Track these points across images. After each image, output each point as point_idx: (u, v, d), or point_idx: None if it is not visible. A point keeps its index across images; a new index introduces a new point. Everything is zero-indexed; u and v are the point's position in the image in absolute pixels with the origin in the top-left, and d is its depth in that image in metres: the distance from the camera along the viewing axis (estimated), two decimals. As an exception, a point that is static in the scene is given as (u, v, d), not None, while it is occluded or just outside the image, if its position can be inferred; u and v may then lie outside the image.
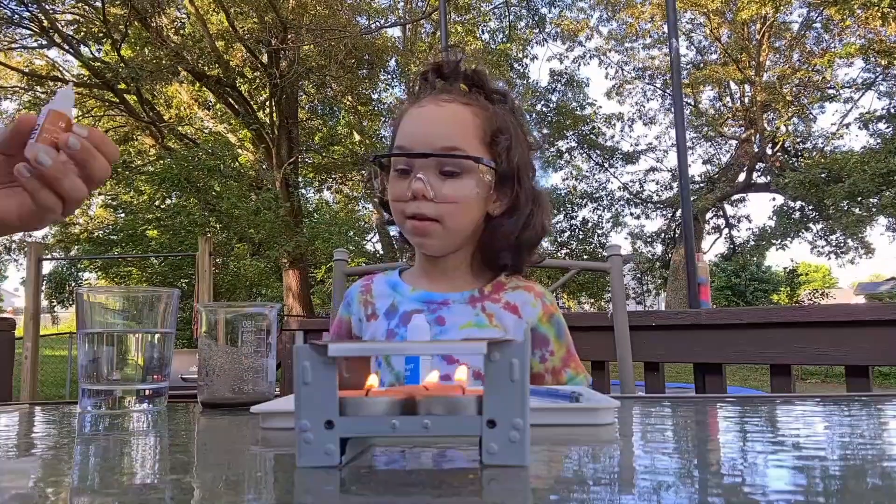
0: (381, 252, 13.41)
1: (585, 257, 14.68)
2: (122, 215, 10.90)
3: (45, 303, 12.52)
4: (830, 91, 14.45)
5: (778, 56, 15.16)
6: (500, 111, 0.99)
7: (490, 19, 14.55)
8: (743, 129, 15.66)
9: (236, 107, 11.65)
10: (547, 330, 0.99)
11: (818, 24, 14.38)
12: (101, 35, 10.18)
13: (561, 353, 1.00)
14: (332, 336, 1.08)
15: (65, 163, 0.58)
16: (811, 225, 15.08)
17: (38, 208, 0.60)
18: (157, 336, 0.72)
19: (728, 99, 16.38)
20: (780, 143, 15.13)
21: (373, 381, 0.42)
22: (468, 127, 0.95)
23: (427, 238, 0.94)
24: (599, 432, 0.52)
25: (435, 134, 0.93)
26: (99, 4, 9.65)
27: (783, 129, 14.77)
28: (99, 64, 10.27)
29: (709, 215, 15.88)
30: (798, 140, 15.14)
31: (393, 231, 1.07)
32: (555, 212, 15.04)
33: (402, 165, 0.95)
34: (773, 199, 15.66)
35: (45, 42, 10.34)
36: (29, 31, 10.10)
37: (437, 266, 1.00)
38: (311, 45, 11.24)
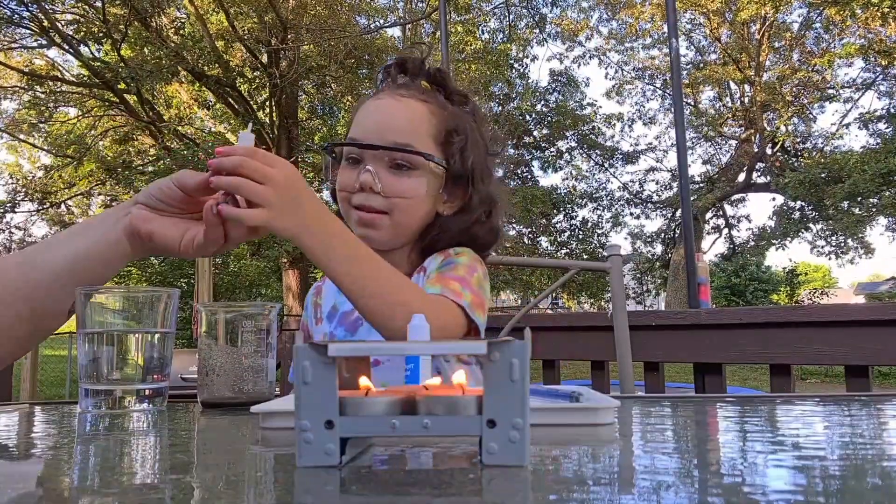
0: (381, 252, 13.38)
1: (585, 257, 14.68)
2: (122, 215, 10.88)
3: (44, 303, 12.48)
4: (830, 91, 14.47)
5: (778, 56, 15.18)
6: (458, 112, 0.98)
7: (490, 19, 14.55)
8: (743, 129, 15.67)
9: (236, 107, 11.64)
10: (435, 263, 0.95)
11: (818, 25, 14.39)
12: (101, 35, 10.17)
13: (432, 276, 0.94)
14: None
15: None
16: (811, 225, 15.09)
17: (204, 241, 0.68)
18: (157, 336, 0.72)
19: (728, 99, 16.40)
20: (780, 143, 15.14)
21: (364, 382, 0.42)
22: (422, 123, 0.94)
23: (373, 230, 0.92)
24: (599, 432, 0.52)
25: (388, 127, 0.92)
26: (99, 4, 9.64)
27: (783, 129, 14.78)
28: (99, 64, 10.26)
29: (709, 215, 15.89)
30: (798, 140, 15.16)
31: None
32: (554, 211, 15.04)
33: (353, 155, 0.94)
34: (773, 199, 15.69)
35: (44, 42, 10.34)
36: (29, 31, 10.09)
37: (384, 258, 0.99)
38: (311, 45, 11.25)
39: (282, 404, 0.59)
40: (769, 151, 15.35)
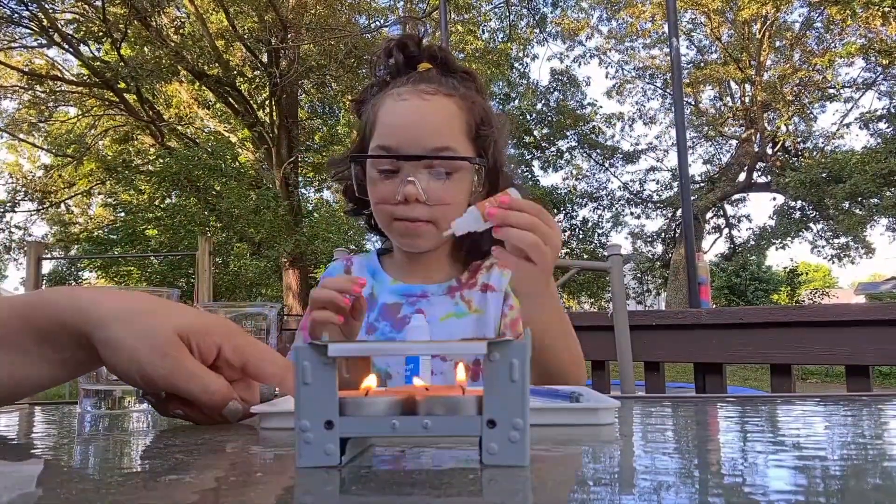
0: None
1: (586, 257, 14.69)
2: (122, 214, 10.90)
3: (45, 302, 12.48)
4: (831, 91, 14.47)
5: (778, 56, 15.17)
6: (477, 99, 0.95)
7: (490, 19, 14.55)
8: (743, 128, 15.67)
9: (236, 106, 11.64)
10: (505, 280, 0.98)
11: (819, 24, 14.38)
12: (100, 34, 10.18)
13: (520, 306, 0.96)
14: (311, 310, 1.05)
15: None
16: (811, 225, 15.10)
17: None
18: (156, 336, 0.72)
19: (728, 98, 16.39)
20: (781, 142, 15.14)
21: (370, 381, 0.42)
22: (455, 122, 0.90)
23: (419, 239, 0.91)
24: (600, 432, 0.52)
25: (424, 132, 0.88)
26: (99, 4, 9.65)
27: (784, 128, 14.78)
28: (99, 63, 10.27)
29: (709, 215, 15.89)
30: (798, 140, 15.15)
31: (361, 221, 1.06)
32: (555, 211, 15.03)
33: (387, 166, 0.90)
34: (774, 198, 15.69)
35: (44, 41, 10.34)
36: (28, 30, 10.10)
37: (417, 260, 0.98)
38: (311, 45, 11.24)
39: (282, 405, 0.59)
40: (770, 151, 15.35)
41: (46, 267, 10.91)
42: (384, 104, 0.92)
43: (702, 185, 15.94)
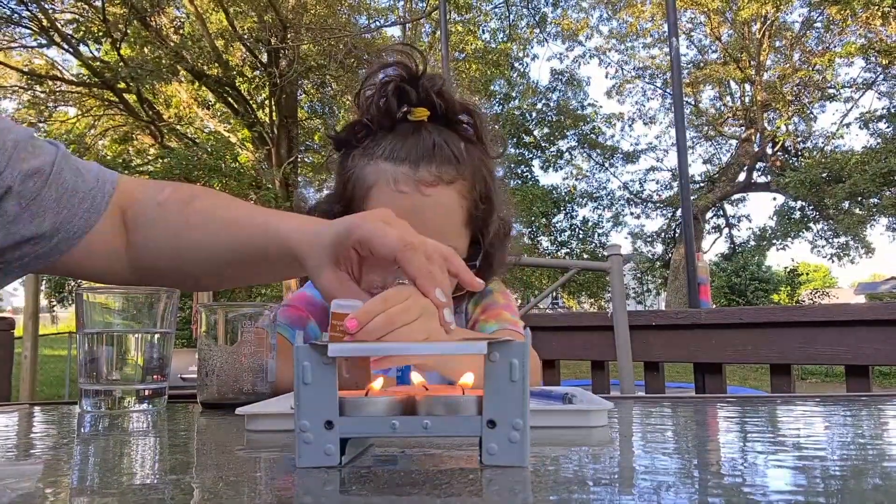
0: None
1: (586, 257, 14.69)
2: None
3: (44, 302, 12.51)
4: (831, 90, 14.46)
5: (778, 55, 15.17)
6: (480, 167, 0.85)
7: (490, 19, 14.55)
8: (743, 128, 15.67)
9: (236, 106, 11.65)
10: (466, 301, 0.95)
11: (819, 24, 14.39)
12: (100, 34, 10.17)
13: (476, 314, 0.93)
14: (295, 302, 0.96)
15: None
16: (811, 225, 15.10)
17: None
18: (156, 336, 0.72)
19: (728, 98, 16.39)
20: (781, 142, 15.14)
21: (378, 384, 0.42)
22: (456, 217, 0.82)
23: None
24: (600, 433, 0.52)
25: (423, 235, 0.78)
26: (98, 4, 9.64)
27: (783, 128, 14.78)
28: (98, 63, 10.26)
29: (709, 215, 15.90)
30: (798, 140, 15.15)
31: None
32: (555, 210, 15.03)
33: None
34: (774, 198, 15.69)
35: (44, 41, 10.33)
36: (28, 31, 10.09)
37: None
38: (311, 45, 11.24)
39: (272, 405, 0.59)
40: (769, 151, 15.35)
41: (46, 267, 10.85)
42: (377, 187, 0.82)
43: (702, 184, 15.94)
